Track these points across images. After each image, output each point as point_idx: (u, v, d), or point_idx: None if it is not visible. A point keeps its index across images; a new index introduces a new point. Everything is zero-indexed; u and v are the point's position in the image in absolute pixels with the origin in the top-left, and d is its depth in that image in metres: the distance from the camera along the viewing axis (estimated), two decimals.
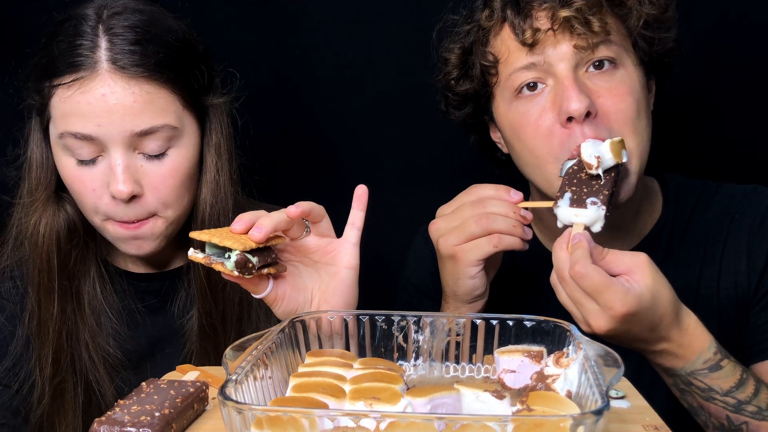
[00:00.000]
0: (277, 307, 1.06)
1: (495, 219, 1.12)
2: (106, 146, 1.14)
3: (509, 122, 1.22)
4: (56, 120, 1.16)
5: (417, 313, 0.98)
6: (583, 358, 0.82)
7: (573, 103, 1.12)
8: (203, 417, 0.91)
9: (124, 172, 1.13)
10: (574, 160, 1.11)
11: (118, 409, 0.83)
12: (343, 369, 0.87)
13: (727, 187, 1.32)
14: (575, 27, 1.13)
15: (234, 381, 0.76)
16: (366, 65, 1.66)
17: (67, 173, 1.18)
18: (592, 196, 1.07)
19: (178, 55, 1.18)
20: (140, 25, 1.15)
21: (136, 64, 1.13)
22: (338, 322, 0.98)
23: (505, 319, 0.95)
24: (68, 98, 1.13)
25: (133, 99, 1.12)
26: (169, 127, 1.16)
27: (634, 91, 1.17)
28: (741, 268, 1.24)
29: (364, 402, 0.77)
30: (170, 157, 1.18)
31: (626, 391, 0.95)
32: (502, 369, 0.91)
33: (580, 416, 0.67)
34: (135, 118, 1.13)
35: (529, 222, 1.14)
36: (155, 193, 1.17)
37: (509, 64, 1.19)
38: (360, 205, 1.09)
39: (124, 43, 1.13)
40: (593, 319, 0.98)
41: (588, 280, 0.97)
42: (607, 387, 0.74)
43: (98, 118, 1.12)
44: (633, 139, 1.15)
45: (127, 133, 1.13)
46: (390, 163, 1.69)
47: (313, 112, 1.69)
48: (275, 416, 0.69)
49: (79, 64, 1.12)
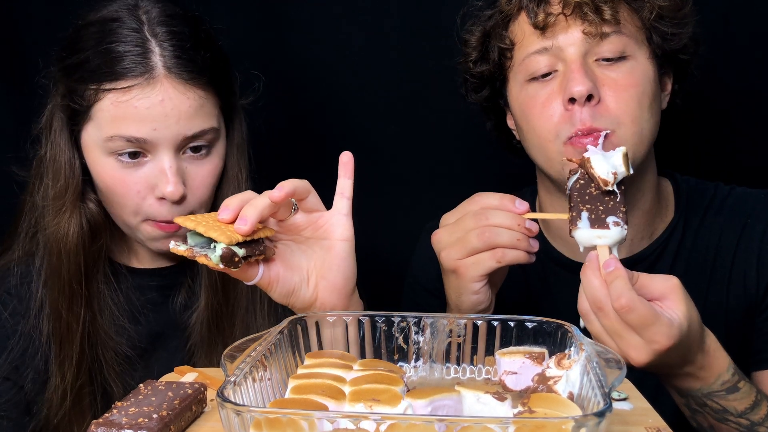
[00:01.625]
0: (273, 291, 1.04)
1: (498, 232, 1.08)
2: (155, 149, 1.17)
3: (519, 104, 1.25)
4: (102, 123, 1.17)
5: (417, 314, 0.97)
6: (585, 360, 0.82)
7: (576, 85, 1.15)
8: (201, 419, 0.90)
9: (175, 175, 1.17)
10: (577, 174, 1.06)
11: (116, 411, 0.83)
12: (342, 370, 0.87)
13: (739, 191, 1.32)
14: (587, 13, 1.16)
15: (232, 382, 0.76)
16: (370, 61, 1.66)
17: (108, 175, 1.19)
18: (610, 214, 1.02)
19: (220, 60, 1.24)
20: (186, 31, 1.19)
21: (191, 71, 1.17)
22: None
23: (506, 320, 0.95)
24: (124, 103, 1.15)
25: (189, 104, 1.17)
26: (213, 129, 1.21)
27: (640, 83, 1.18)
28: (751, 274, 1.24)
29: (363, 404, 0.77)
30: (210, 158, 1.22)
31: (628, 392, 0.94)
32: (504, 370, 0.90)
33: (582, 418, 0.67)
34: (188, 122, 1.17)
35: (535, 234, 1.10)
36: (196, 193, 1.21)
37: (523, 47, 1.23)
38: (347, 173, 1.07)
39: (176, 49, 1.17)
40: (635, 352, 0.95)
41: (635, 314, 0.93)
42: (609, 389, 0.73)
43: (154, 122, 1.15)
44: (630, 129, 1.17)
45: (180, 137, 1.17)
46: (393, 161, 1.69)
47: (315, 110, 1.69)
48: (274, 418, 0.68)
49: (133, 70, 1.15)
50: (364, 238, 1.11)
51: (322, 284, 1.04)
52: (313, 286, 1.05)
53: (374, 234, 1.40)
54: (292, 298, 1.05)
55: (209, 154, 1.22)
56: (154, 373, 1.19)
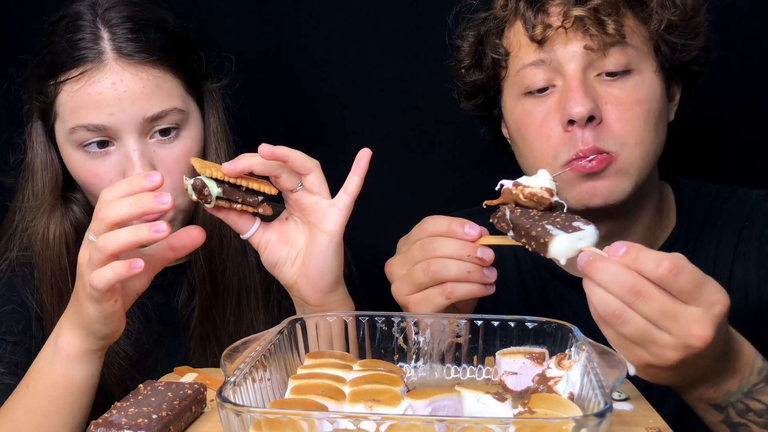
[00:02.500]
0: (262, 254, 1.05)
1: (445, 265, 0.95)
2: (118, 135, 1.15)
3: (514, 119, 1.18)
4: (65, 116, 1.17)
5: (417, 314, 0.97)
6: (586, 360, 0.81)
7: (576, 106, 1.08)
8: (201, 419, 0.90)
9: (140, 158, 1.15)
10: (506, 212, 0.93)
11: (115, 412, 0.83)
12: (342, 371, 0.86)
13: (740, 193, 1.26)
14: (588, 27, 1.08)
15: (232, 383, 0.76)
16: (368, 55, 1.64)
17: (79, 169, 1.19)
18: (572, 221, 0.88)
19: (177, 41, 1.21)
20: (136, 15, 1.18)
21: (141, 51, 1.15)
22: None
23: (506, 320, 0.94)
24: (77, 91, 1.15)
25: (142, 85, 1.15)
26: (177, 110, 1.18)
27: (646, 100, 1.12)
28: (751, 277, 1.19)
29: (363, 404, 0.77)
30: (181, 140, 1.20)
31: (629, 393, 0.94)
32: (504, 371, 0.90)
33: (583, 419, 0.66)
34: (145, 103, 1.15)
35: (489, 263, 0.96)
36: (169, 177, 1.16)
37: (518, 59, 1.15)
38: (358, 170, 1.03)
39: (126, 32, 1.16)
40: (698, 327, 0.79)
41: (685, 275, 0.78)
42: (610, 389, 0.73)
43: (110, 107, 1.14)
44: (635, 152, 1.10)
45: (139, 119, 1.15)
46: (391, 160, 1.68)
47: (313, 104, 1.68)
48: (274, 419, 0.68)
49: (84, 57, 1.14)
50: (364, 238, 1.11)
51: (301, 270, 1.04)
52: (296, 269, 1.04)
53: (374, 234, 1.39)
54: (275, 269, 1.05)
55: (178, 137, 1.19)
56: (157, 372, 1.19)
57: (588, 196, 1.11)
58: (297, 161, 1.00)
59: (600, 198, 1.11)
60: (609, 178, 1.10)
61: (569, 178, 1.11)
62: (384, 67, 1.64)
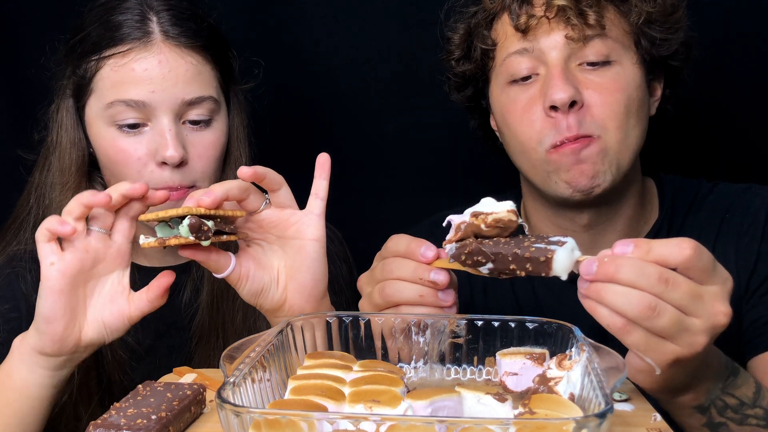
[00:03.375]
0: (242, 288, 1.04)
1: (399, 288, 0.94)
2: (154, 114, 1.18)
3: (500, 107, 1.23)
4: (103, 91, 1.20)
5: (417, 314, 0.97)
6: (587, 361, 0.81)
7: (557, 92, 1.12)
8: (200, 420, 0.90)
9: (174, 138, 1.18)
10: (472, 242, 0.89)
11: (114, 412, 0.82)
12: (342, 371, 0.86)
13: (722, 187, 1.29)
14: (570, 17, 1.13)
15: (232, 383, 0.76)
16: (368, 57, 1.66)
17: (108, 145, 1.20)
18: (549, 238, 0.88)
19: (215, 36, 1.26)
20: (183, 4, 1.24)
21: (187, 36, 1.21)
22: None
23: (507, 320, 0.94)
24: (122, 66, 1.18)
25: (185, 68, 1.19)
26: (212, 99, 1.22)
27: (625, 88, 1.15)
28: (730, 268, 1.16)
29: (363, 405, 0.76)
30: (212, 129, 1.23)
31: (630, 393, 0.93)
32: (504, 371, 0.90)
33: (583, 419, 0.66)
34: (186, 86, 1.19)
35: (442, 287, 0.93)
36: (199, 162, 1.21)
37: (504, 48, 1.20)
38: (323, 174, 1.07)
39: (171, 17, 1.21)
40: (721, 302, 0.81)
41: (705, 253, 0.80)
42: (610, 390, 0.73)
43: (152, 84, 1.17)
44: (615, 135, 1.14)
45: (178, 101, 1.18)
46: (391, 159, 1.68)
47: (315, 106, 1.69)
48: (273, 419, 0.68)
49: (131, 35, 1.19)
50: (363, 238, 1.11)
51: (291, 285, 1.04)
52: (283, 287, 1.05)
53: (374, 233, 1.39)
54: (260, 298, 1.05)
55: (209, 126, 1.23)
56: (158, 373, 1.18)
57: (575, 179, 1.15)
58: (271, 178, 1.03)
59: (586, 178, 1.14)
60: (591, 158, 1.14)
61: (556, 163, 1.15)
62: (387, 69, 1.65)
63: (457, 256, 0.89)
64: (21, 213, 1.31)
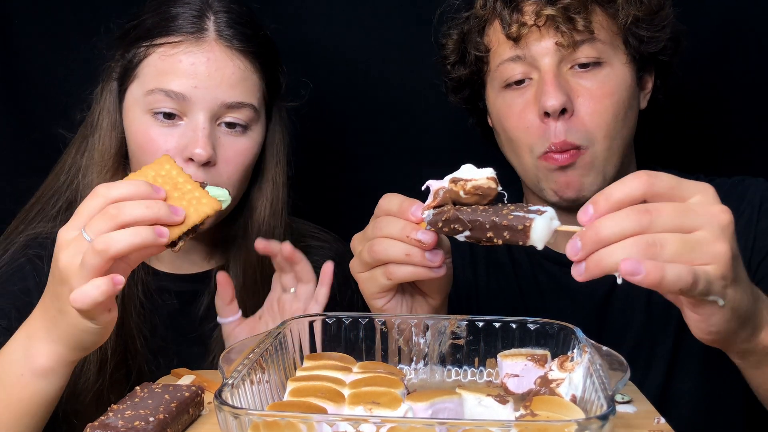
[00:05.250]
0: (226, 339, 1.19)
1: (386, 245, 0.94)
2: (191, 110, 1.16)
3: (496, 111, 1.26)
4: (146, 78, 1.18)
5: (417, 315, 0.96)
6: (588, 362, 0.81)
7: (549, 99, 1.15)
8: (199, 422, 0.89)
9: (206, 137, 1.15)
10: (448, 210, 0.88)
11: (112, 414, 0.82)
12: (342, 373, 0.86)
13: (718, 181, 1.30)
14: (559, 25, 1.15)
15: (230, 385, 0.75)
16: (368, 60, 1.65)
17: (139, 132, 1.19)
18: (528, 207, 0.87)
19: (268, 48, 1.26)
20: (242, 11, 1.23)
21: (239, 40, 1.20)
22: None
23: (508, 321, 0.94)
24: (170, 56, 1.17)
25: (232, 71, 1.18)
26: (253, 107, 1.21)
27: (616, 91, 1.18)
28: None
29: (363, 407, 0.76)
30: (247, 137, 1.21)
31: (632, 395, 0.93)
32: (505, 373, 0.89)
33: (585, 421, 0.66)
34: (229, 88, 1.18)
35: (429, 247, 0.92)
36: (226, 166, 1.19)
37: (498, 54, 1.23)
38: (326, 282, 1.16)
39: (228, 20, 1.20)
40: (711, 199, 0.79)
41: (662, 174, 0.78)
42: (612, 391, 0.73)
43: (196, 79, 1.16)
44: (602, 145, 1.18)
45: (218, 102, 1.17)
46: (391, 159, 1.68)
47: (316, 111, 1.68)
48: (272, 421, 0.68)
49: (186, 28, 1.18)
50: None
51: None
52: None
53: None
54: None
55: (244, 133, 1.21)
56: None
57: (562, 189, 1.19)
58: (304, 268, 1.16)
59: (572, 191, 1.19)
60: (578, 170, 1.18)
61: (545, 171, 1.19)
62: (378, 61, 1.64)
63: (434, 222, 0.89)
64: (47, 193, 1.28)
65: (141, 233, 0.87)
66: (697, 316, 0.80)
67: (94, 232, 0.87)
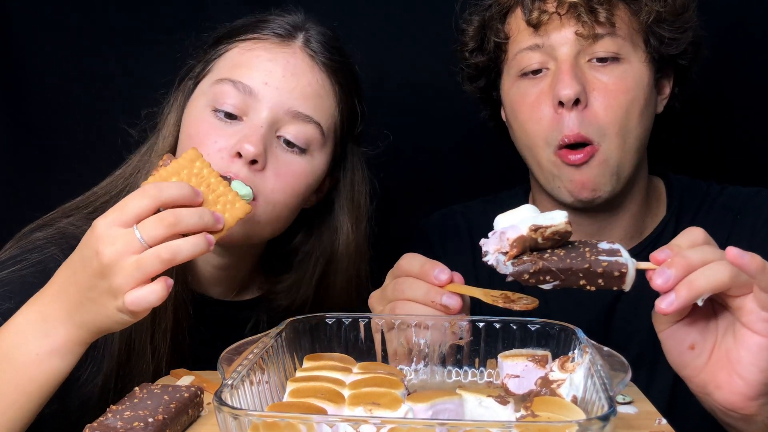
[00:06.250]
0: None
1: (408, 309, 0.94)
2: (255, 109, 1.11)
3: (510, 100, 1.25)
4: (220, 70, 1.15)
5: (418, 316, 0.96)
6: (589, 363, 0.81)
7: (564, 88, 1.14)
8: (198, 423, 0.89)
9: (261, 136, 1.09)
10: (526, 258, 0.85)
11: (111, 415, 0.81)
12: (342, 373, 0.86)
13: (731, 190, 1.31)
14: (581, 14, 1.15)
15: (230, 386, 0.75)
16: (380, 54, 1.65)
17: (195, 124, 1.13)
18: (599, 245, 0.87)
19: (353, 79, 1.22)
20: (333, 36, 1.21)
21: (325, 58, 1.17)
22: None
23: (508, 322, 0.94)
24: (249, 51, 1.15)
25: (309, 82, 1.15)
26: (319, 128, 1.15)
27: (632, 88, 1.18)
28: None
29: (363, 407, 0.76)
30: (304, 159, 1.14)
31: (633, 396, 0.93)
32: (506, 374, 0.89)
33: (586, 422, 0.66)
34: (301, 99, 1.13)
35: (454, 312, 0.93)
36: (274, 179, 1.11)
37: (516, 42, 1.22)
38: None
39: (320, 39, 1.18)
40: None
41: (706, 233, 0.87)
42: (614, 392, 0.72)
43: (269, 77, 1.12)
44: (614, 142, 1.17)
45: (285, 107, 1.12)
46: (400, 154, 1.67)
47: None
48: (272, 422, 0.67)
49: (276, 31, 1.16)
50: None
51: None
52: None
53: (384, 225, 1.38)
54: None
55: (302, 155, 1.14)
56: None
57: (577, 189, 1.18)
58: None
59: (587, 191, 1.18)
60: (593, 169, 1.17)
61: (560, 167, 1.18)
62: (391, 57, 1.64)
63: (518, 274, 0.85)
64: (101, 195, 1.20)
65: (200, 244, 0.89)
66: (761, 336, 0.83)
67: (152, 238, 0.87)
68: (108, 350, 1.11)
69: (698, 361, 0.88)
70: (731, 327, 0.86)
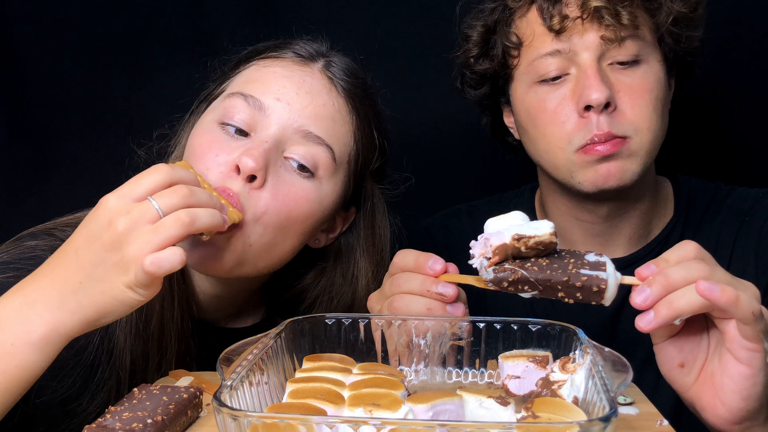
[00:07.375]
0: None
1: (407, 302, 0.94)
2: (264, 125, 1.07)
3: (526, 107, 1.22)
4: (234, 85, 1.12)
5: (418, 316, 0.96)
6: (590, 363, 0.80)
7: (594, 92, 1.13)
8: (197, 424, 0.89)
9: (263, 151, 1.03)
10: (507, 268, 0.85)
11: (109, 416, 0.81)
12: (341, 374, 0.85)
13: (739, 191, 1.31)
14: (604, 18, 1.13)
15: (229, 387, 0.75)
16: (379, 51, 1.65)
17: (199, 136, 1.08)
18: (585, 257, 0.87)
19: (372, 109, 1.18)
20: (356, 68, 1.17)
21: (344, 83, 1.13)
22: None
23: (509, 322, 0.93)
24: (267, 67, 1.12)
25: (323, 103, 1.10)
26: (331, 153, 1.09)
27: (654, 88, 1.17)
28: (749, 270, 1.22)
29: (363, 408, 0.75)
30: (311, 183, 1.08)
31: (634, 397, 0.93)
32: (507, 374, 0.89)
33: (588, 423, 0.65)
34: (313, 118, 1.08)
35: (450, 300, 0.93)
36: (273, 199, 1.05)
37: (533, 48, 1.19)
38: None
39: (342, 66, 1.15)
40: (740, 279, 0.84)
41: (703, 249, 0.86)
42: (614, 393, 0.72)
43: (282, 92, 1.08)
44: (647, 137, 1.16)
45: (295, 125, 1.07)
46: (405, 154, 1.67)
47: None
48: (272, 423, 0.67)
49: (297, 51, 1.13)
50: None
51: None
52: None
53: None
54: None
55: (310, 178, 1.08)
56: None
57: (603, 179, 1.16)
58: None
59: (614, 179, 1.16)
60: (621, 160, 1.15)
61: (583, 164, 1.16)
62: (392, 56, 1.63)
63: (497, 281, 0.85)
64: None
65: (216, 215, 0.91)
66: (743, 365, 0.82)
67: (168, 206, 0.86)
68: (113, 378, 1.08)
69: (687, 379, 0.88)
70: (719, 349, 0.86)
